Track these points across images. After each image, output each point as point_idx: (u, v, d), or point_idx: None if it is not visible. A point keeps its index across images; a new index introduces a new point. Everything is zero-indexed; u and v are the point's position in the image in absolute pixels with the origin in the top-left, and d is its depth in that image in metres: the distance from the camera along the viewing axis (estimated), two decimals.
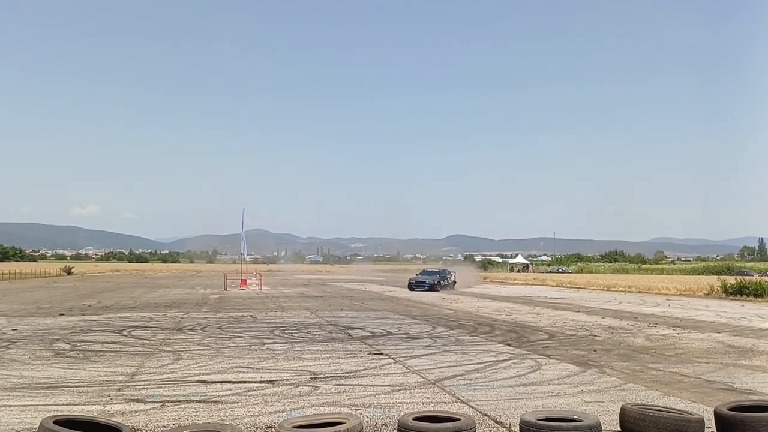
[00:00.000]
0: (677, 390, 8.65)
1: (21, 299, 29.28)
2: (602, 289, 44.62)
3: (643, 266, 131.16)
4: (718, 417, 5.88)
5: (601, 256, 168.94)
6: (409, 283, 42.99)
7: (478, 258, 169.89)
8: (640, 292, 41.25)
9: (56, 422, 4.89)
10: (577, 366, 10.64)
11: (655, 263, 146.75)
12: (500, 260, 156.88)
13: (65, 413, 5.83)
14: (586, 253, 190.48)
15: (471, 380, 9.21)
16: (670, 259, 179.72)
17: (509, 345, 13.40)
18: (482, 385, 8.78)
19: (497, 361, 11.10)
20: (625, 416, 5.91)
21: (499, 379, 9.29)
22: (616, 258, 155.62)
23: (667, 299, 32.89)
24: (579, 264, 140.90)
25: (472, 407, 7.39)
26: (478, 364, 10.74)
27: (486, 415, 7.05)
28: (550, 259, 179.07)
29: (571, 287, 48.90)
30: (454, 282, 46.39)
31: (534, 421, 5.48)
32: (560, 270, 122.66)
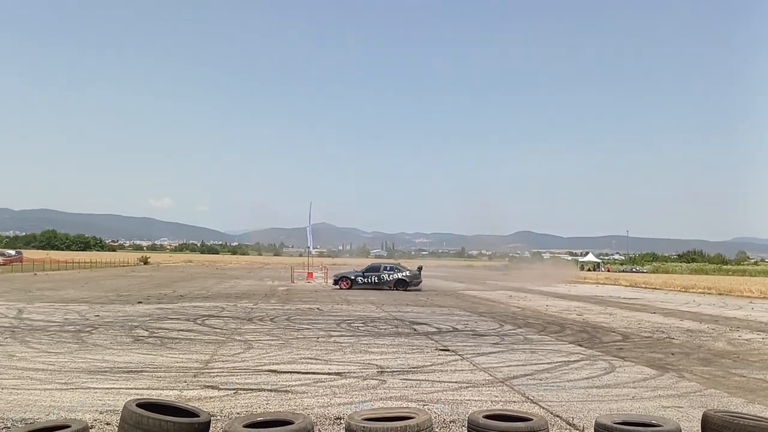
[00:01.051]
0: (762, 397, 8.23)
1: (102, 287, 30.49)
2: (679, 290, 43.02)
3: (724, 267, 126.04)
4: None
5: (678, 255, 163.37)
6: (347, 277, 35.80)
7: (546, 255, 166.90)
8: (720, 294, 39.55)
9: (139, 405, 5.06)
10: (654, 369, 10.29)
11: (737, 264, 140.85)
12: (569, 258, 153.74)
13: (146, 397, 6.02)
14: (661, 252, 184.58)
15: (541, 380, 9.03)
16: (753, 260, 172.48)
17: (581, 345, 13.09)
18: (553, 386, 8.60)
19: (568, 361, 10.86)
20: (707, 423, 5.62)
21: (570, 380, 9.08)
22: (694, 258, 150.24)
23: (750, 302, 31.43)
24: (654, 264, 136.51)
25: (543, 408, 7.25)
26: (548, 363, 10.54)
27: (558, 416, 6.90)
28: (622, 258, 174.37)
29: (645, 287, 47.38)
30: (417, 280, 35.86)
31: (610, 425, 5.28)
32: (634, 269, 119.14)
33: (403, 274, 35.32)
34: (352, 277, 35.51)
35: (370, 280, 34.86)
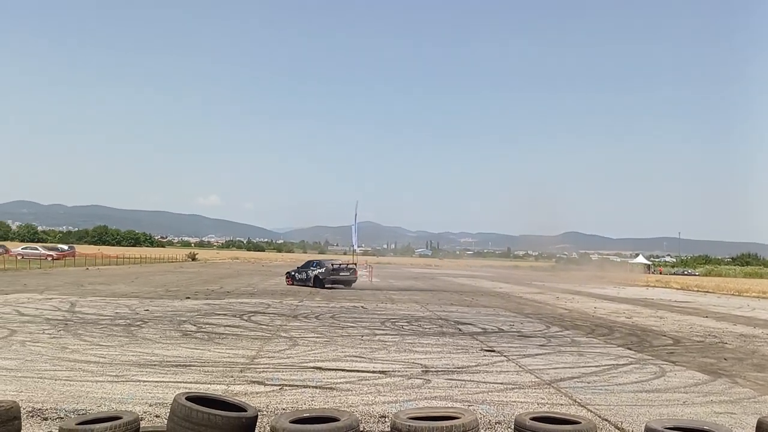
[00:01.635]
0: None
1: (151, 282, 31.14)
2: (733, 294, 41.85)
3: None
4: None
5: (732, 258, 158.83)
6: (290, 273, 34.97)
7: (594, 257, 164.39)
8: None
9: (188, 398, 5.14)
10: (706, 374, 10.03)
11: None
12: (618, 260, 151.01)
13: (194, 391, 6.11)
14: (714, 255, 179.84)
15: (589, 383, 8.88)
16: None
17: (630, 349, 12.83)
18: (601, 389, 8.45)
19: (617, 365, 10.66)
20: (762, 430, 5.46)
21: (619, 384, 8.90)
22: (749, 261, 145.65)
23: None
24: (706, 266, 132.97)
25: (591, 411, 7.13)
26: (596, 366, 10.36)
27: (606, 420, 6.78)
28: (674, 260, 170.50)
29: (697, 291, 46.26)
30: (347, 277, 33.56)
31: (661, 430, 5.14)
32: (686, 272, 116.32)
33: (319, 270, 32.49)
34: (293, 273, 34.42)
35: (302, 276, 33.31)
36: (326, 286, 31.57)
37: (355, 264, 36.79)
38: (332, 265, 33.34)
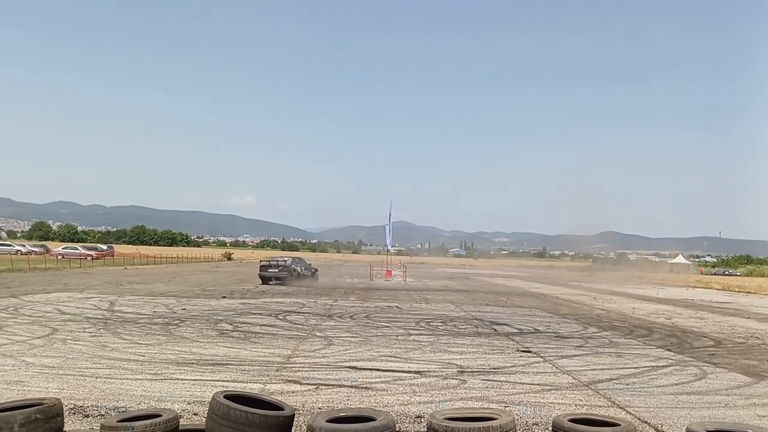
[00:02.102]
0: None
1: (188, 281, 31.57)
2: None
3: None
4: None
5: None
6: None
7: (632, 257, 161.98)
8: None
9: (226, 397, 5.19)
10: (748, 376, 9.79)
11: None
12: (657, 260, 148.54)
13: (231, 389, 6.17)
14: (757, 255, 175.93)
15: (627, 385, 8.73)
16: None
17: (670, 350, 12.59)
18: (640, 391, 8.30)
19: (656, 366, 10.46)
20: None
21: (659, 386, 8.74)
22: None
23: None
24: (748, 266, 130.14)
25: (630, 413, 7.00)
26: (635, 368, 10.18)
27: (645, 422, 6.66)
28: (714, 260, 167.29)
29: (739, 291, 45.30)
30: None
31: None
32: (727, 272, 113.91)
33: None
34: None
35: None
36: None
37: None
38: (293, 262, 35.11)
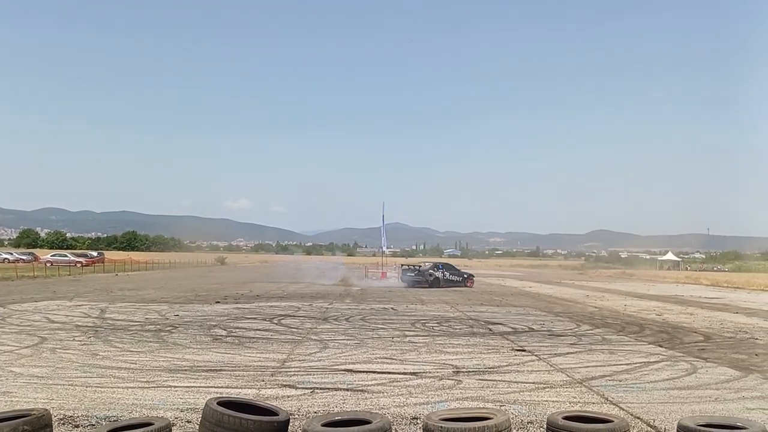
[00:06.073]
0: None
1: (181, 287, 31.43)
2: (763, 290, 41.13)
3: None
4: None
5: (762, 254, 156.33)
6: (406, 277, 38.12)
7: (624, 255, 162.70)
8: None
9: (219, 403, 5.17)
10: (738, 370, 9.88)
11: None
12: (647, 257, 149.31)
13: (225, 395, 6.15)
14: (744, 250, 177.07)
15: (620, 381, 8.79)
16: None
17: (661, 346, 12.67)
18: (633, 387, 8.36)
19: (648, 362, 10.53)
20: None
21: (651, 381, 8.81)
22: None
23: None
24: (736, 262, 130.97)
25: (623, 409, 7.05)
26: (627, 364, 10.24)
27: (638, 418, 6.71)
28: (703, 256, 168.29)
29: (727, 287, 45.60)
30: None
31: (694, 427, 5.10)
32: (715, 268, 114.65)
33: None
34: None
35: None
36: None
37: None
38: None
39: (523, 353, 11.27)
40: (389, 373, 9.08)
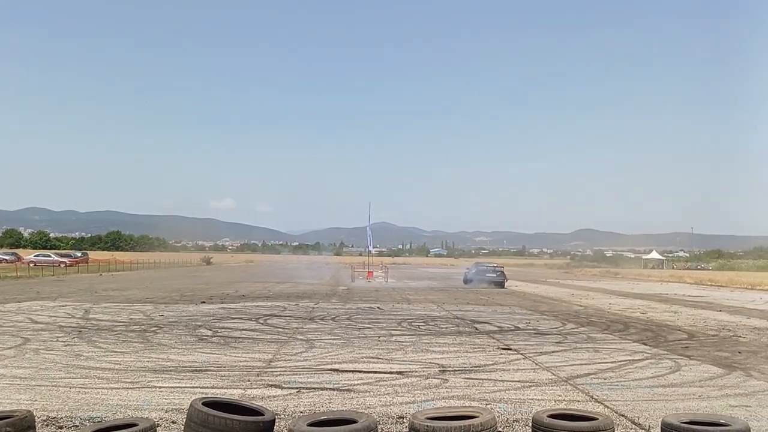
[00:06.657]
0: None
1: (166, 287, 31.28)
2: (746, 288, 41.58)
3: None
4: None
5: (745, 252, 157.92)
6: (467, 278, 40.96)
7: (609, 253, 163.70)
8: None
9: (204, 404, 5.14)
10: (721, 368, 9.99)
11: None
12: (632, 256, 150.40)
13: (211, 396, 6.12)
14: (728, 249, 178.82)
15: (605, 379, 8.85)
16: None
17: (645, 344, 12.77)
18: (617, 385, 8.42)
19: (632, 360, 10.61)
20: None
21: (635, 379, 8.87)
22: (761, 255, 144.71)
23: None
24: (719, 261, 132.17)
25: (608, 407, 7.09)
26: (612, 363, 10.32)
27: (623, 415, 6.75)
28: (687, 255, 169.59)
29: (711, 285, 46.06)
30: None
31: (677, 424, 5.13)
32: (699, 267, 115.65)
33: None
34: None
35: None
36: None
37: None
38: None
39: (509, 352, 11.31)
40: (375, 372, 9.08)
